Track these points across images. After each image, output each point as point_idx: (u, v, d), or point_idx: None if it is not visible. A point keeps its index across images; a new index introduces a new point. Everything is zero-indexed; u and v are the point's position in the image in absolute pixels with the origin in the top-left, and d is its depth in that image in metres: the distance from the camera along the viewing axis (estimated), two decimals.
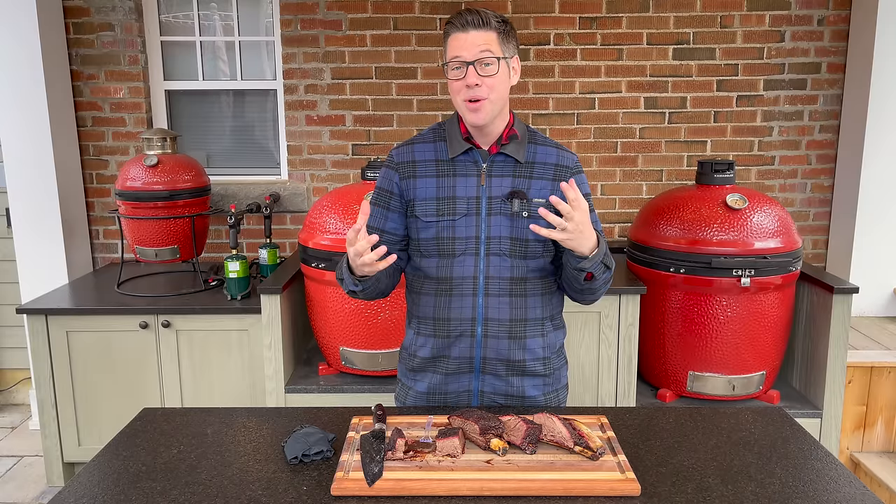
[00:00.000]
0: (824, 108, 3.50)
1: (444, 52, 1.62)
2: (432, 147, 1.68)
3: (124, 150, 3.58)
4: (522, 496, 1.30)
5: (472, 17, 1.56)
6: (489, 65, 1.56)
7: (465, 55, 1.56)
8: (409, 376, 1.76)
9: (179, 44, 3.61)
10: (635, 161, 3.55)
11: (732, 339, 2.61)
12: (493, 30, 1.57)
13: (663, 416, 1.66)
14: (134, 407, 2.70)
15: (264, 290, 2.66)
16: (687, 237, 2.61)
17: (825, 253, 3.63)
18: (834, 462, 1.44)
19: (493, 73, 1.56)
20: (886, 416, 2.97)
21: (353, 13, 3.44)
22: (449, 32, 1.59)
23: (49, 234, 3.37)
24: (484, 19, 1.56)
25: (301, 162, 3.58)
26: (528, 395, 1.70)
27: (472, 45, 1.55)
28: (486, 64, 1.55)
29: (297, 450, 1.42)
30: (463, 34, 1.56)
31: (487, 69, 1.56)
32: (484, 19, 1.56)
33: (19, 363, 3.87)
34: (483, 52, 1.55)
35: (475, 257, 1.63)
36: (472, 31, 1.56)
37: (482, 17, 1.56)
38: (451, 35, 1.59)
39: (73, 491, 1.33)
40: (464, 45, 1.56)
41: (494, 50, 1.56)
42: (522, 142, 1.66)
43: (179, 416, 1.64)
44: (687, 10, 3.41)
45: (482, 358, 1.66)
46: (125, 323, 2.89)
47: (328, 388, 2.75)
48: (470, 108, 1.58)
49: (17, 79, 3.24)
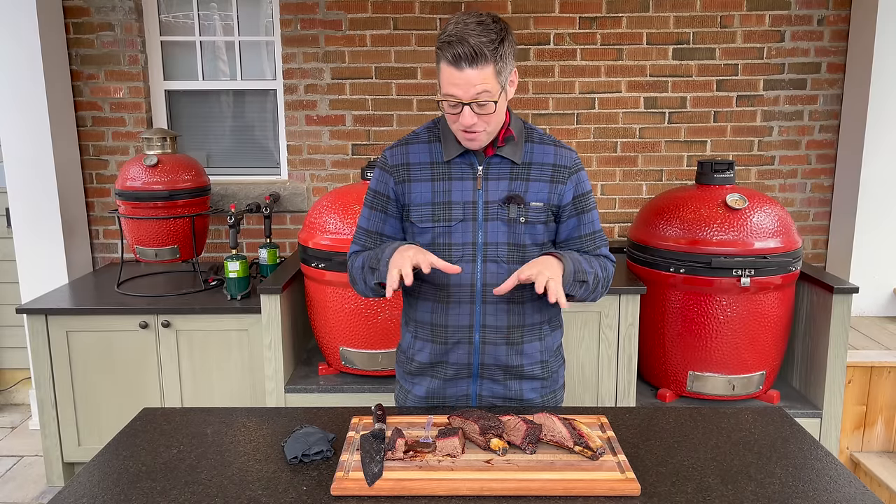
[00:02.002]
0: (824, 108, 3.50)
1: (437, 77, 1.51)
2: (427, 148, 1.63)
3: (124, 150, 3.58)
4: (522, 496, 1.30)
5: (465, 51, 1.41)
6: (484, 105, 1.46)
7: (460, 94, 1.45)
8: (408, 379, 1.75)
9: (179, 44, 3.62)
10: (635, 161, 3.55)
11: (732, 339, 2.61)
12: (489, 62, 1.43)
13: (663, 416, 1.66)
14: (134, 407, 2.71)
15: (264, 290, 2.66)
16: (687, 237, 2.61)
17: (825, 253, 3.63)
18: (834, 462, 1.44)
19: (490, 112, 1.48)
20: (886, 416, 2.97)
21: (353, 13, 3.44)
22: (440, 59, 1.46)
23: (49, 234, 3.37)
24: (478, 53, 1.41)
25: (301, 162, 3.58)
26: (526, 399, 1.70)
27: (468, 86, 1.44)
28: (481, 105, 1.46)
29: (297, 450, 1.42)
30: (457, 72, 1.43)
31: (484, 108, 1.47)
32: (478, 53, 1.41)
33: (19, 363, 3.87)
34: (479, 95, 1.44)
35: (472, 264, 1.60)
36: (468, 69, 1.43)
37: (475, 50, 1.41)
38: (444, 65, 1.46)
39: (73, 491, 1.33)
40: (458, 83, 1.44)
41: (491, 88, 1.45)
42: (519, 142, 1.62)
43: (179, 416, 1.64)
44: (687, 10, 3.41)
45: (480, 364, 1.66)
46: (125, 323, 2.89)
47: (328, 388, 2.75)
48: (467, 137, 1.53)
49: (17, 79, 3.24)
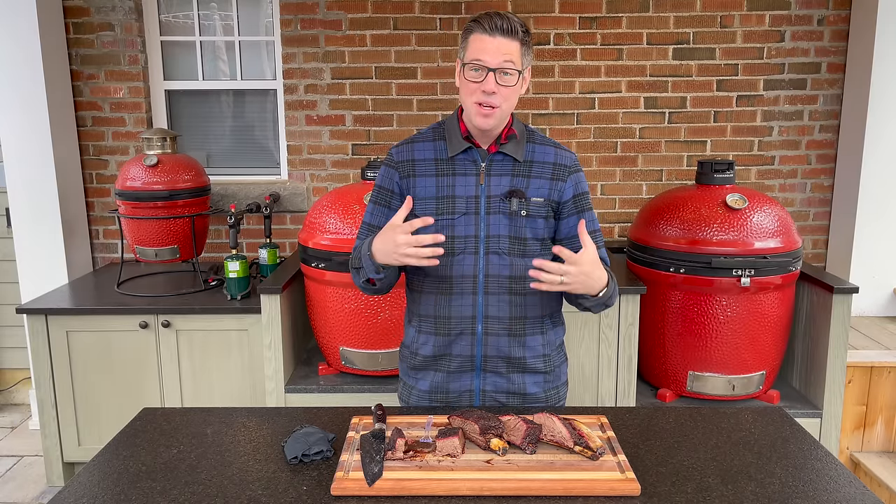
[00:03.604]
0: (824, 108, 3.50)
1: (461, 48, 1.60)
2: (432, 146, 1.69)
3: (124, 150, 3.58)
4: (522, 496, 1.30)
5: (502, 23, 1.53)
6: (509, 74, 1.55)
7: (488, 60, 1.53)
8: (411, 374, 1.76)
9: (179, 44, 3.62)
10: (635, 161, 3.55)
11: (732, 339, 2.61)
12: (519, 40, 1.55)
13: (663, 415, 1.66)
14: (134, 407, 2.71)
15: (264, 290, 2.66)
16: (687, 237, 2.61)
17: (825, 253, 3.63)
18: (834, 462, 1.44)
19: (512, 84, 1.56)
20: (886, 416, 2.97)
21: (353, 13, 3.44)
22: (472, 30, 1.56)
23: (49, 233, 3.37)
24: (512, 27, 1.54)
25: (301, 162, 3.58)
26: (529, 392, 1.71)
27: (497, 52, 1.53)
28: (506, 73, 1.54)
29: (297, 450, 1.42)
30: (489, 38, 1.53)
31: (507, 79, 1.55)
32: (512, 27, 1.54)
33: (19, 363, 3.87)
34: (506, 62, 1.54)
35: (475, 256, 1.64)
36: (500, 37, 1.53)
37: (511, 24, 1.54)
38: (475, 34, 1.55)
39: (73, 491, 1.33)
40: (488, 50, 1.53)
41: (516, 61, 1.55)
42: (521, 141, 1.67)
43: (179, 416, 1.64)
44: (687, 10, 3.41)
45: (483, 356, 1.67)
46: (125, 323, 2.89)
47: (328, 388, 2.75)
48: (481, 112, 1.57)
49: (17, 79, 3.24)
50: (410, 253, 1.49)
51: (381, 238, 1.55)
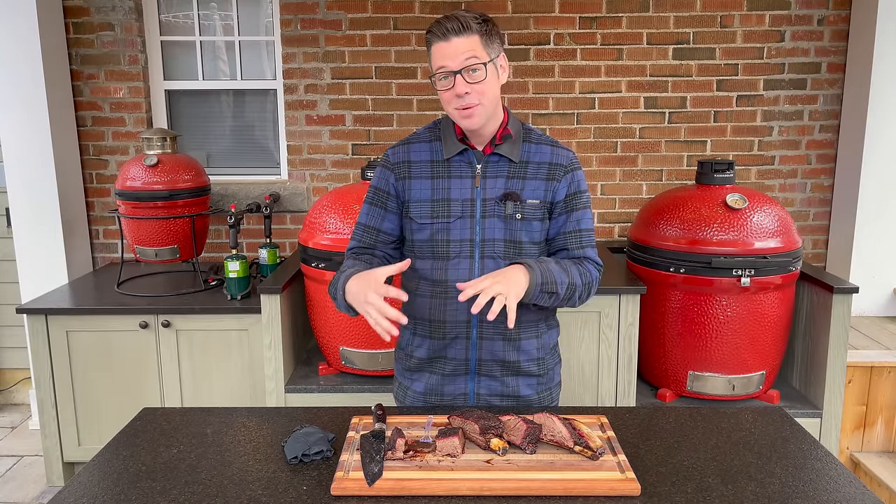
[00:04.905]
0: (824, 107, 3.50)
1: (429, 63, 1.60)
2: (428, 147, 1.67)
3: (124, 150, 3.58)
4: (522, 496, 1.30)
5: (452, 24, 1.51)
6: (476, 71, 1.53)
7: (450, 64, 1.53)
8: (406, 376, 1.76)
9: (179, 44, 3.62)
10: (635, 161, 3.55)
11: (732, 339, 2.61)
12: (475, 33, 1.52)
13: (663, 415, 1.66)
14: (134, 407, 2.71)
15: (264, 290, 2.66)
16: (687, 237, 2.61)
17: (825, 253, 3.63)
18: (834, 462, 1.44)
19: (482, 79, 1.54)
20: (886, 416, 2.97)
21: (353, 13, 3.44)
22: (431, 42, 1.55)
23: (49, 233, 3.37)
24: (464, 24, 1.51)
25: (301, 162, 3.58)
26: (522, 395, 1.71)
27: (456, 54, 1.52)
28: (472, 70, 1.52)
29: (297, 449, 1.42)
30: (445, 43, 1.52)
31: (475, 75, 1.53)
32: (464, 24, 1.51)
33: (19, 363, 3.87)
34: (468, 60, 1.52)
35: (470, 260, 1.63)
36: (454, 38, 1.52)
37: (461, 21, 1.51)
38: (434, 45, 1.55)
39: (73, 491, 1.33)
40: (447, 54, 1.52)
41: (479, 54, 1.53)
42: (517, 141, 1.65)
43: (179, 416, 1.64)
44: (687, 9, 3.41)
45: (478, 359, 1.67)
46: (125, 323, 2.89)
47: (328, 388, 2.75)
48: (463, 115, 1.56)
49: (17, 79, 3.24)
50: (373, 315, 1.45)
51: (357, 282, 1.51)
